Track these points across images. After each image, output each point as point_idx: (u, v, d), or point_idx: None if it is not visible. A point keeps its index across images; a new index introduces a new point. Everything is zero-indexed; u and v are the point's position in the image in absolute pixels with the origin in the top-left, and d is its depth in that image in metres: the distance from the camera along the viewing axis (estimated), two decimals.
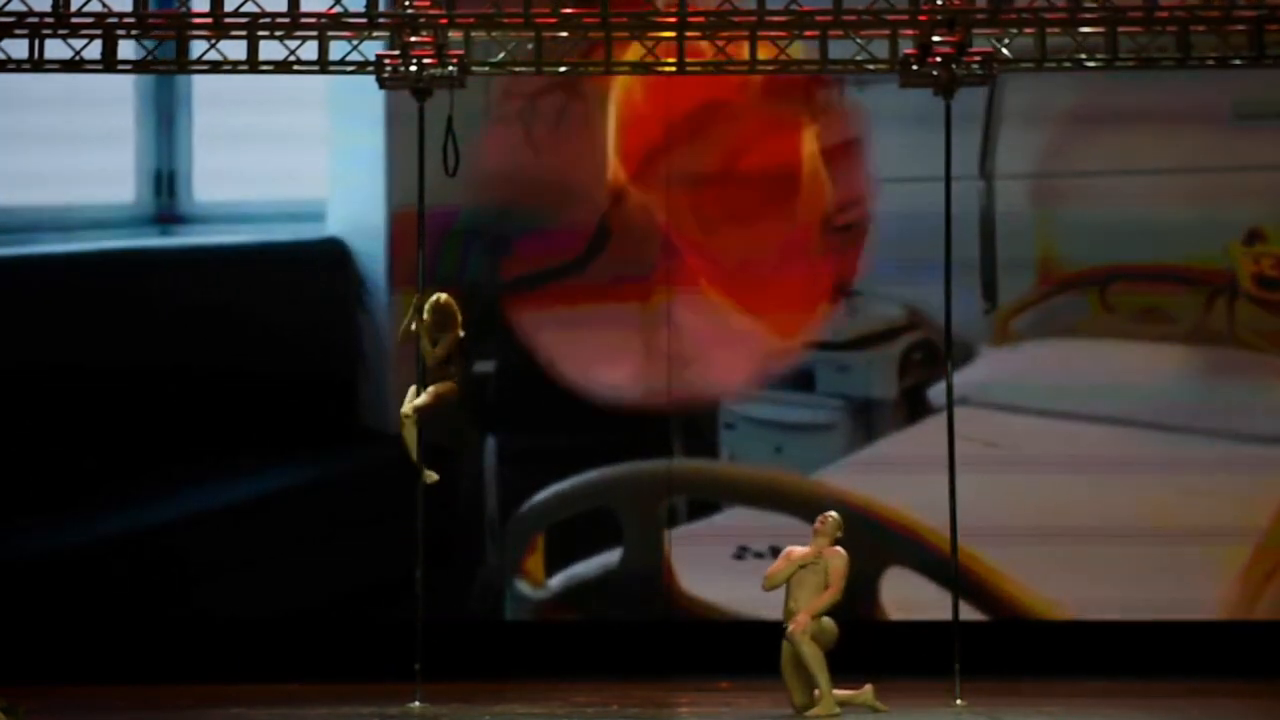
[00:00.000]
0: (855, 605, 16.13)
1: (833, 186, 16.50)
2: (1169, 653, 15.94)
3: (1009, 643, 15.85)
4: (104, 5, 14.00)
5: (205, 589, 16.40)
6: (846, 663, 13.49)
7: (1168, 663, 15.83)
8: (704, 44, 14.45)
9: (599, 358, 16.33)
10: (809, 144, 16.53)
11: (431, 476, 13.80)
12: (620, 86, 16.46)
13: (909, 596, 16.19)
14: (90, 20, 13.96)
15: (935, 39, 13.84)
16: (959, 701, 13.40)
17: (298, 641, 16.24)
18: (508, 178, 16.41)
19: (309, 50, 14.08)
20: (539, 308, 16.42)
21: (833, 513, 13.26)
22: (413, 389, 13.78)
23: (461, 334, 13.80)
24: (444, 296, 13.81)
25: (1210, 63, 14.24)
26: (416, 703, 13.37)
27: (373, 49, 14.07)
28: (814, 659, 12.84)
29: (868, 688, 13.15)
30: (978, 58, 13.87)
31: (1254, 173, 16.52)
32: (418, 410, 13.64)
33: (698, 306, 16.38)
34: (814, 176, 16.50)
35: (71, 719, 13.45)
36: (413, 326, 13.80)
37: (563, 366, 16.40)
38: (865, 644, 15.87)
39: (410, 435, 13.74)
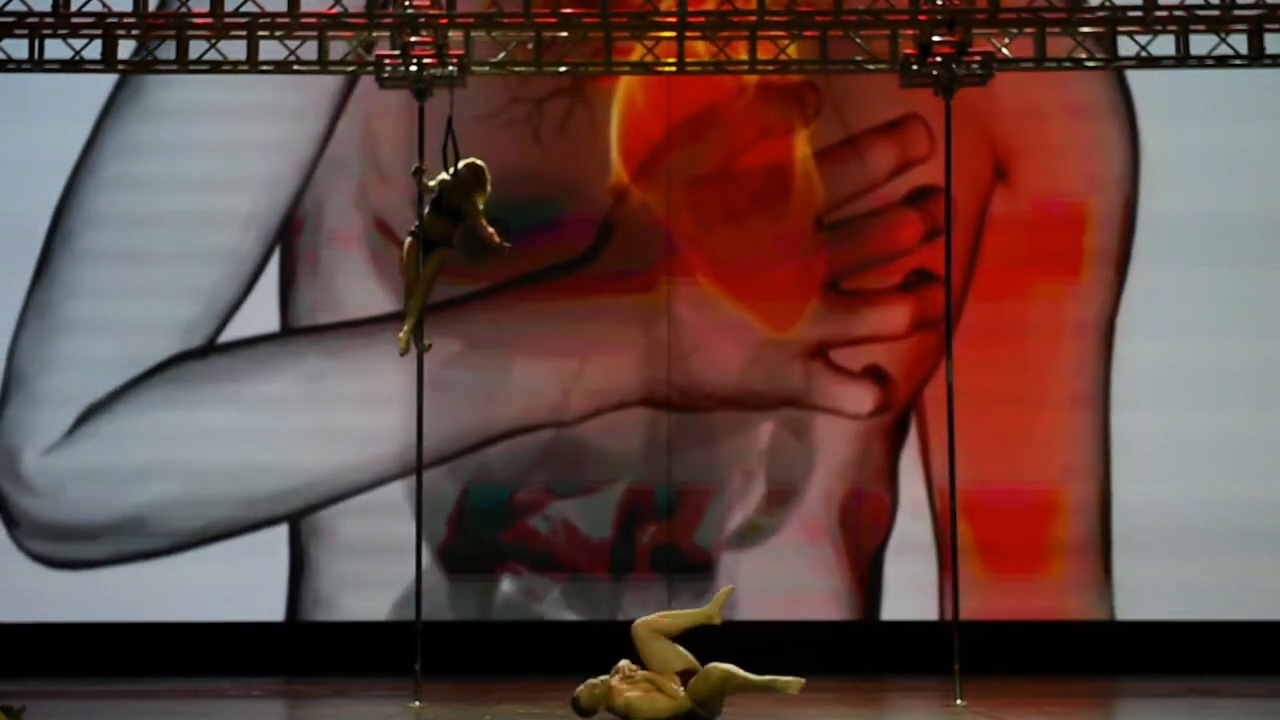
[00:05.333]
0: (856, 605, 16.21)
1: (823, 186, 16.56)
2: (1169, 652, 16.00)
3: (1009, 643, 15.87)
4: (104, 5, 14.00)
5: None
6: (848, 662, 13.52)
7: (1168, 662, 15.90)
8: (703, 44, 14.48)
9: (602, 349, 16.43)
10: (801, 146, 16.58)
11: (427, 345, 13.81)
12: (623, 89, 16.52)
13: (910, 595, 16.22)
14: (90, 20, 13.97)
15: (935, 39, 13.86)
16: (959, 701, 13.39)
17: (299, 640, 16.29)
18: (515, 177, 16.43)
19: (309, 50, 14.11)
20: (544, 302, 16.46)
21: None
22: (409, 238, 13.68)
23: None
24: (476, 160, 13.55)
25: (1210, 63, 14.30)
26: (416, 703, 13.35)
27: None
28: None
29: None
30: (978, 57, 13.89)
31: None
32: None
33: (696, 300, 16.44)
34: (806, 177, 16.56)
35: (71, 719, 13.42)
36: (430, 182, 13.57)
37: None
38: (866, 644, 15.97)
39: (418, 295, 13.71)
